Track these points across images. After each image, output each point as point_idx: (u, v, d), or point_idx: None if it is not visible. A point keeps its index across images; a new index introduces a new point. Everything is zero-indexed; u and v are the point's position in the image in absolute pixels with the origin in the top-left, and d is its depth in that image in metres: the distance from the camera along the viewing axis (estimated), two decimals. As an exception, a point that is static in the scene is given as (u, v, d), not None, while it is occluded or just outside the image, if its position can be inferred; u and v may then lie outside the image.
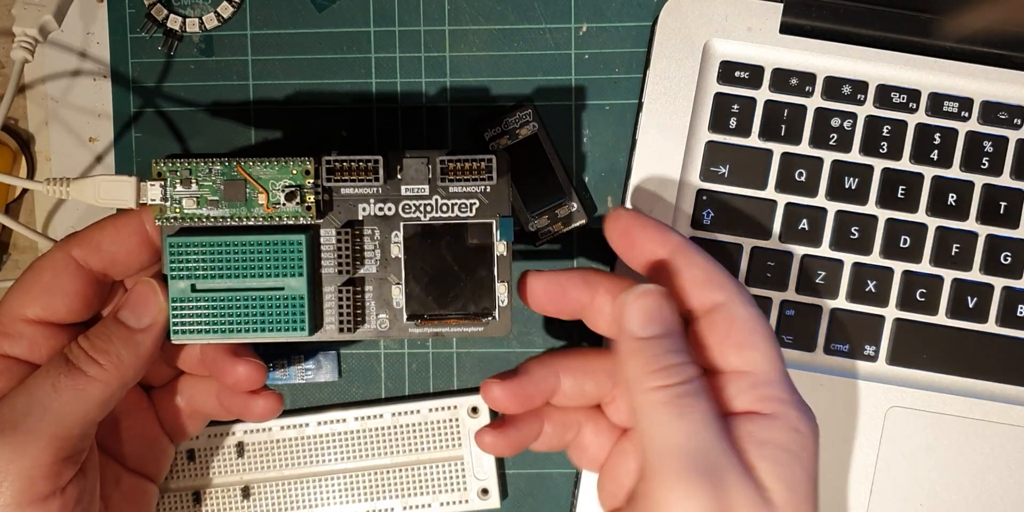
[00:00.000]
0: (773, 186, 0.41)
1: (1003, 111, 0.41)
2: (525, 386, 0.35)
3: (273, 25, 0.43)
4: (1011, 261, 0.41)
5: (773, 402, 0.32)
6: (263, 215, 0.34)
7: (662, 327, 0.33)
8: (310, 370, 0.43)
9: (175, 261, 0.34)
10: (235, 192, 0.34)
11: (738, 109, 0.41)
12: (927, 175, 0.41)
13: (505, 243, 0.34)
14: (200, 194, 0.34)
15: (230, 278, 0.34)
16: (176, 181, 0.34)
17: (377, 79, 0.43)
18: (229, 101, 0.43)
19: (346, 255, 0.34)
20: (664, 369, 0.32)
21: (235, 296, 0.34)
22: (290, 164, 0.34)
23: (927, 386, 0.41)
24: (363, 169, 0.34)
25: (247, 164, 0.34)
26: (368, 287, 0.35)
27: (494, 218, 0.34)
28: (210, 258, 0.34)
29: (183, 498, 0.42)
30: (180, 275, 0.34)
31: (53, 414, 0.32)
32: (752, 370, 0.33)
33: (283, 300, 0.34)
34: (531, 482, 0.43)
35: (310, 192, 0.34)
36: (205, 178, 0.34)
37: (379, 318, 0.35)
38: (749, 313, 0.33)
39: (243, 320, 0.34)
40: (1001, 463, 0.41)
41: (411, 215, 0.35)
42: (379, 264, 0.35)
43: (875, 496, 0.41)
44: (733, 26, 0.41)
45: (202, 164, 0.34)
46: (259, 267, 0.34)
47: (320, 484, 0.42)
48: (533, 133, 0.42)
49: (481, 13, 0.43)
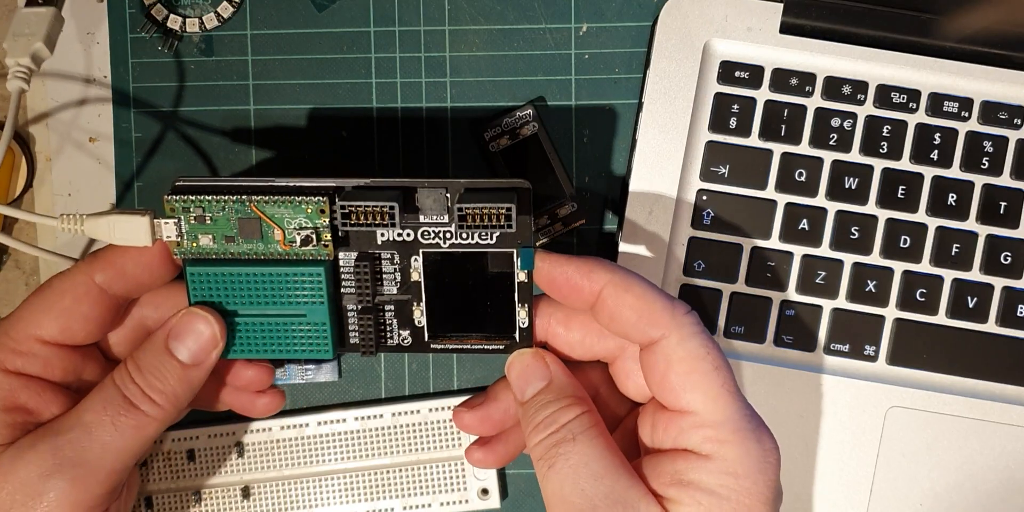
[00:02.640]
0: (773, 186, 0.41)
1: (1003, 111, 0.41)
2: (492, 412, 0.35)
3: (273, 25, 0.43)
4: (1011, 261, 0.41)
5: (711, 443, 0.31)
6: (280, 252, 0.33)
7: (533, 386, 0.33)
8: (310, 370, 0.43)
9: (196, 289, 0.34)
10: (250, 230, 0.33)
11: (738, 109, 0.41)
12: (927, 175, 0.41)
13: (526, 272, 0.34)
14: (215, 230, 0.33)
15: (252, 306, 0.34)
16: (191, 217, 0.33)
17: (377, 79, 0.43)
18: (229, 101, 0.43)
19: (365, 278, 0.34)
20: (537, 426, 0.32)
21: (258, 321, 0.34)
22: (304, 204, 0.33)
23: (927, 386, 0.41)
24: (379, 212, 0.32)
25: (260, 202, 0.33)
26: (389, 307, 0.35)
27: (515, 248, 0.34)
28: (232, 288, 0.34)
29: (183, 498, 0.42)
30: (203, 302, 0.34)
31: (113, 452, 0.32)
32: (694, 411, 0.31)
33: (306, 326, 0.34)
34: (531, 482, 0.43)
35: (326, 231, 0.33)
36: (219, 214, 0.33)
37: (401, 335, 0.35)
38: (686, 351, 0.31)
39: (267, 343, 0.34)
40: (1001, 463, 0.41)
41: (430, 241, 0.34)
42: (400, 287, 0.35)
43: (875, 496, 0.41)
44: (733, 26, 0.41)
45: (215, 202, 0.33)
46: (280, 296, 0.34)
47: (320, 484, 0.42)
48: (533, 133, 0.42)
49: (481, 13, 0.43)
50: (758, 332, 0.41)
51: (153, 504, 0.42)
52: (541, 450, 0.32)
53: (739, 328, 0.41)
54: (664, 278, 0.41)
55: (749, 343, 0.41)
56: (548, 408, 0.33)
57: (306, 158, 0.43)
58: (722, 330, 0.41)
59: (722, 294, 0.41)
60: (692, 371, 0.31)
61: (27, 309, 0.34)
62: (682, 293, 0.41)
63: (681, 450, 0.32)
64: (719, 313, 0.41)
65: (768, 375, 0.41)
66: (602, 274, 0.33)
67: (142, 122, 0.43)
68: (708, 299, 0.41)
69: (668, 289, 0.41)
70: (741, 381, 0.41)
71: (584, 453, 0.31)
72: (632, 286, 0.32)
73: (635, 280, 0.33)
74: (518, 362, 0.34)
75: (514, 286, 0.34)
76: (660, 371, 0.32)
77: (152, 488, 0.42)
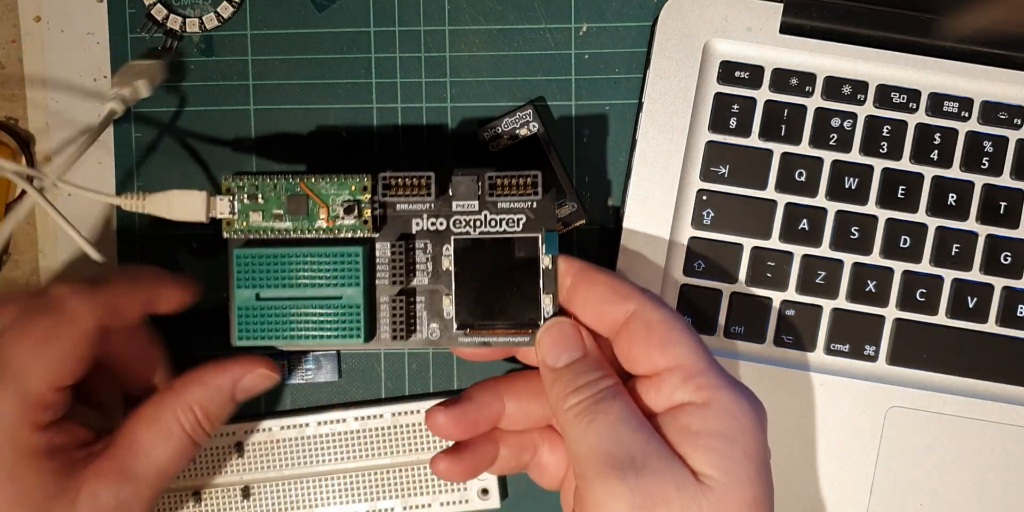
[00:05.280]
0: (773, 186, 0.41)
1: (1003, 111, 0.41)
2: (468, 412, 0.36)
3: (273, 25, 0.43)
4: (1011, 261, 0.41)
5: (705, 390, 0.33)
6: (323, 228, 0.36)
7: (570, 354, 0.35)
8: (310, 370, 0.43)
9: (241, 272, 0.36)
10: (297, 206, 0.36)
11: (738, 109, 0.41)
12: (927, 175, 0.41)
13: (551, 256, 0.36)
14: (265, 208, 0.36)
15: (291, 288, 0.36)
16: (244, 196, 0.36)
17: (377, 79, 0.43)
18: (229, 101, 0.43)
19: (399, 267, 0.36)
20: (576, 390, 0.34)
21: (296, 305, 0.36)
22: (348, 180, 0.36)
23: (927, 386, 0.41)
24: (416, 185, 0.36)
25: (309, 180, 0.36)
26: (420, 298, 0.37)
27: (540, 232, 0.36)
28: (273, 269, 0.36)
29: (183, 498, 0.42)
30: (245, 284, 0.36)
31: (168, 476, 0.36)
32: (680, 364, 0.34)
33: (341, 309, 0.35)
34: (531, 482, 0.43)
35: (367, 207, 0.36)
36: (270, 193, 0.36)
37: (430, 327, 0.37)
38: (662, 314, 0.34)
39: (303, 327, 0.36)
40: (1001, 463, 0.41)
41: (461, 230, 0.36)
42: (431, 276, 0.37)
43: (875, 496, 0.41)
44: (733, 26, 0.41)
45: (268, 180, 0.36)
46: (319, 277, 0.35)
47: (320, 484, 0.42)
48: (533, 133, 0.42)
49: (481, 13, 0.43)
50: (758, 332, 0.41)
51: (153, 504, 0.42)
52: (580, 408, 0.33)
53: (739, 328, 0.41)
54: (664, 278, 0.41)
55: (749, 343, 0.41)
56: (589, 374, 0.34)
57: (306, 158, 0.43)
58: (722, 330, 0.41)
59: (722, 294, 0.41)
60: (670, 329, 0.34)
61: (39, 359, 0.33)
62: (682, 293, 0.41)
63: (678, 405, 0.33)
64: (719, 313, 0.41)
65: (768, 375, 0.41)
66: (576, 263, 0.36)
67: (142, 122, 0.43)
68: (708, 299, 0.41)
69: (668, 289, 0.41)
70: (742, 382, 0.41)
71: (622, 409, 0.33)
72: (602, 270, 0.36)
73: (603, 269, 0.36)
74: (556, 328, 0.35)
75: (539, 273, 0.36)
76: (642, 336, 0.34)
77: (152, 488, 0.42)
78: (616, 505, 0.31)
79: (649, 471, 0.31)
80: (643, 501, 0.31)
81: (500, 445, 0.37)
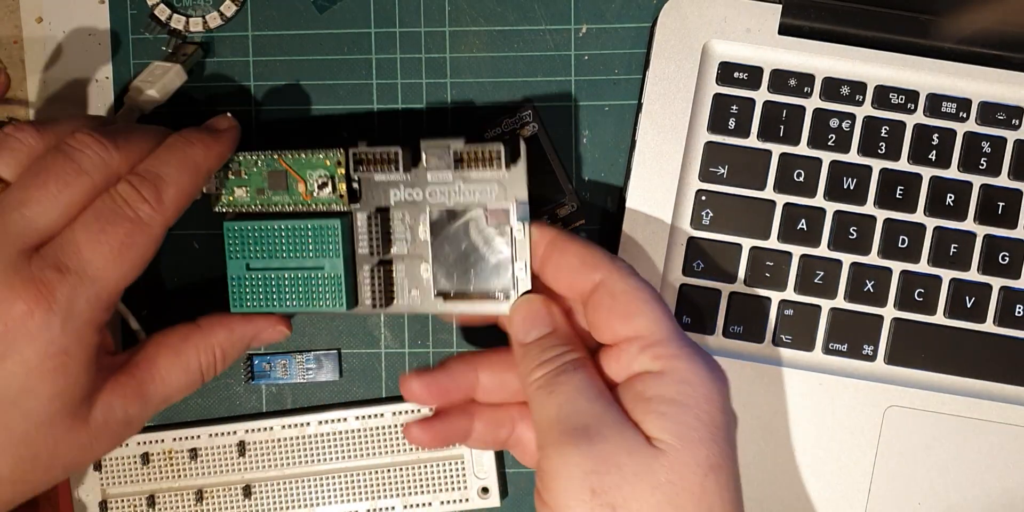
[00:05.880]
0: (772, 186, 0.41)
1: (1001, 112, 0.41)
2: (440, 379, 0.37)
3: (274, 26, 0.43)
4: (1009, 261, 0.41)
5: (661, 359, 0.34)
6: (302, 202, 0.38)
7: (539, 330, 0.36)
8: (311, 370, 0.43)
9: (231, 243, 0.38)
10: (277, 181, 0.38)
11: (737, 110, 0.41)
12: (925, 175, 0.41)
13: (522, 224, 0.37)
14: (249, 184, 0.38)
15: (277, 258, 0.38)
16: (228, 172, 0.38)
17: (378, 80, 0.43)
18: (230, 102, 0.43)
19: (377, 238, 0.38)
20: (541, 363, 0.35)
21: (283, 274, 0.38)
22: (323, 156, 0.38)
23: (925, 386, 0.41)
24: (385, 160, 0.37)
25: (287, 156, 0.38)
26: (399, 266, 0.38)
27: (512, 201, 0.36)
28: (260, 241, 0.38)
29: (184, 497, 0.42)
30: (237, 256, 0.38)
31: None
32: (640, 334, 0.34)
33: (324, 278, 0.37)
34: (531, 481, 0.43)
35: (342, 181, 0.38)
36: (252, 169, 0.38)
37: (410, 295, 0.38)
38: (627, 284, 0.35)
39: (290, 295, 0.38)
40: (999, 463, 0.41)
41: (437, 200, 0.37)
42: (409, 245, 0.38)
43: (873, 495, 0.41)
44: (732, 27, 0.41)
45: (250, 157, 0.38)
46: (302, 249, 0.38)
47: (321, 483, 0.42)
48: (533, 133, 0.42)
49: (481, 14, 0.43)
50: (757, 332, 0.41)
51: (155, 503, 0.42)
52: (543, 380, 0.34)
53: (738, 328, 0.41)
54: (664, 278, 0.41)
55: (748, 343, 0.41)
56: (555, 349, 0.35)
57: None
58: (721, 330, 0.41)
59: (721, 294, 0.41)
60: (633, 300, 0.35)
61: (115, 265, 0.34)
62: (681, 293, 0.41)
63: (636, 374, 0.34)
64: (718, 313, 0.41)
65: (767, 375, 0.41)
66: (550, 231, 0.37)
67: (143, 122, 0.43)
68: (707, 299, 0.41)
69: (668, 289, 0.41)
70: (741, 381, 0.41)
71: (581, 380, 0.34)
72: (576, 239, 0.36)
73: (575, 236, 0.37)
74: (526, 306, 0.36)
75: (511, 241, 0.37)
76: (606, 306, 0.35)
77: (154, 487, 0.42)
78: (570, 471, 0.32)
79: (602, 438, 0.32)
80: (595, 466, 0.32)
81: (476, 419, 0.38)
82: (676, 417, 0.33)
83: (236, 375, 0.43)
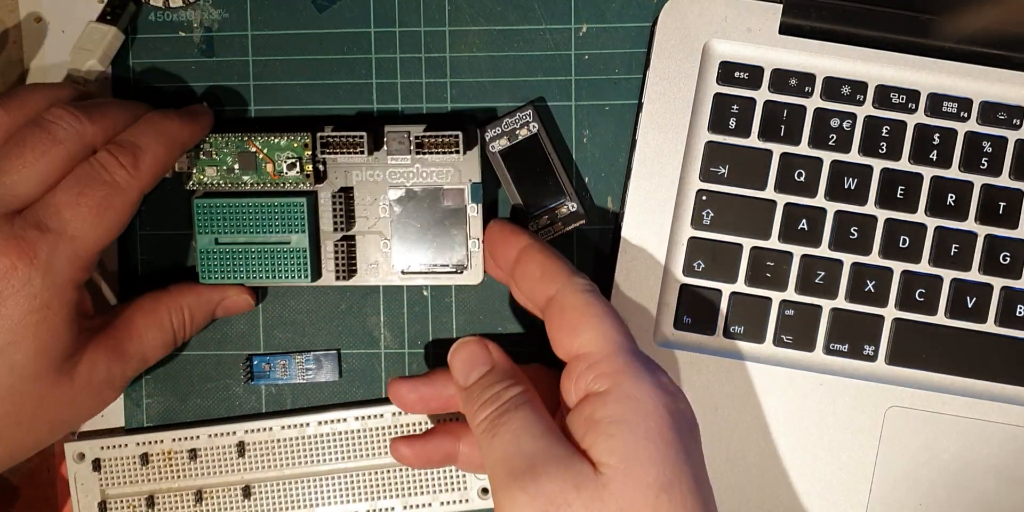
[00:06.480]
0: (773, 186, 0.41)
1: (1002, 111, 0.41)
2: (422, 386, 0.38)
3: (274, 26, 0.43)
4: (1010, 261, 0.41)
5: (605, 378, 0.33)
6: (270, 181, 0.40)
7: (479, 369, 0.36)
8: (311, 370, 0.43)
9: (201, 219, 0.40)
10: (247, 161, 0.40)
11: (737, 109, 0.41)
12: (926, 175, 0.41)
13: (476, 205, 0.40)
14: (219, 164, 0.40)
15: (245, 233, 0.40)
16: (200, 152, 0.40)
17: (378, 80, 0.43)
18: (230, 101, 0.43)
19: (341, 215, 0.40)
20: (482, 404, 0.35)
21: (250, 249, 0.40)
22: (291, 138, 0.40)
23: (926, 386, 0.41)
24: (352, 143, 0.39)
25: (257, 138, 0.40)
26: (361, 242, 0.41)
27: (467, 184, 0.40)
28: (229, 216, 0.40)
29: (184, 497, 0.42)
30: (206, 231, 0.40)
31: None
32: (587, 351, 0.34)
33: (289, 252, 0.40)
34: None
35: (308, 162, 0.40)
36: (223, 149, 0.40)
37: (371, 268, 0.41)
38: (577, 299, 0.35)
39: (257, 268, 0.40)
40: (1000, 463, 0.41)
41: (397, 181, 0.40)
42: (370, 223, 0.41)
43: (874, 495, 0.41)
44: (733, 27, 0.41)
45: (220, 139, 0.40)
46: (269, 224, 0.39)
47: (321, 484, 0.42)
48: (533, 133, 0.42)
49: (481, 14, 0.43)
50: (758, 332, 0.41)
51: (154, 503, 0.42)
52: (486, 424, 0.34)
53: (739, 328, 0.41)
54: (664, 278, 0.41)
55: (749, 343, 0.41)
56: (493, 388, 0.35)
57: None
58: (722, 330, 0.41)
59: (722, 294, 0.41)
60: (582, 315, 0.35)
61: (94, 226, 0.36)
62: (682, 293, 0.41)
63: (585, 396, 0.34)
64: (719, 313, 0.41)
65: (768, 375, 0.41)
66: (524, 238, 0.38)
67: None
68: (708, 299, 0.41)
69: (668, 289, 0.41)
70: (741, 381, 0.41)
71: (524, 418, 0.34)
72: (544, 249, 0.37)
73: (548, 248, 0.37)
74: (463, 349, 0.37)
75: (465, 220, 0.40)
76: (556, 322, 0.35)
77: (153, 487, 0.42)
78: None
79: (548, 476, 0.31)
80: (544, 507, 0.31)
81: (461, 443, 0.38)
82: (623, 436, 0.32)
83: (236, 376, 0.43)
